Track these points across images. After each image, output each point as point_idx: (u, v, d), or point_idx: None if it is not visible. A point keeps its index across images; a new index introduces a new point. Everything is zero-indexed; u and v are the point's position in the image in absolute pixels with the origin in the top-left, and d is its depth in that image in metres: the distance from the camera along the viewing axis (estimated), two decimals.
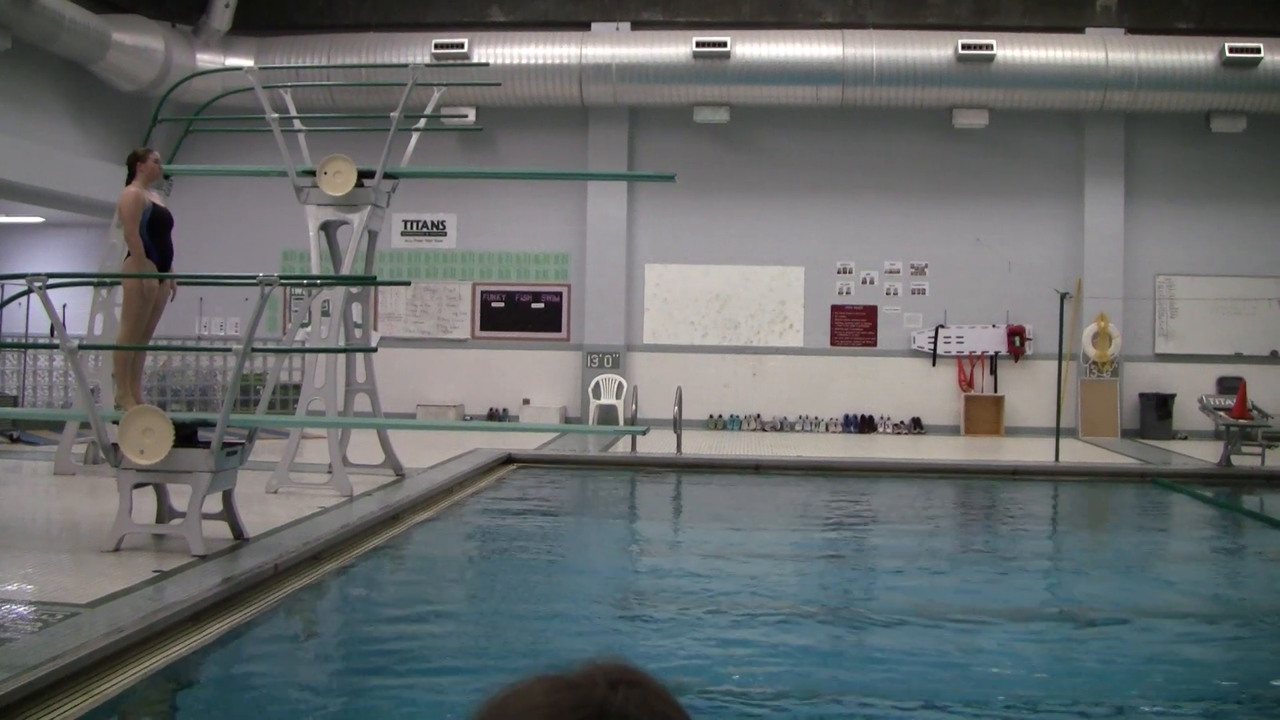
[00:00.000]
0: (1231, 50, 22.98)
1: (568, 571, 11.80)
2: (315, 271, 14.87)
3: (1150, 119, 24.67)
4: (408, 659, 8.08)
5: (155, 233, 12.41)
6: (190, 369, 21.48)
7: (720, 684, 7.50)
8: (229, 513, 10.68)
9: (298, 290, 20.67)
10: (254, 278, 10.09)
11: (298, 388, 17.25)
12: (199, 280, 19.98)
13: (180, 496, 10.41)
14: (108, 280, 14.42)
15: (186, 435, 10.09)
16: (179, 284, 13.62)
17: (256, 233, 24.37)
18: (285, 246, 23.85)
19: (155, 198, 12.83)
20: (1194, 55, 23.29)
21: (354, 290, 14.93)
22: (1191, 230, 25.04)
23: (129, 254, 12.27)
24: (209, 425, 10.33)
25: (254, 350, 11.32)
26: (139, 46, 22.22)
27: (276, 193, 18.23)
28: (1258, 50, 23.00)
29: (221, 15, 23.22)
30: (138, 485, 10.21)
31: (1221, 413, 20.04)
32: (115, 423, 10.22)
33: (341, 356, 14.89)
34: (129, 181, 12.68)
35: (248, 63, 21.46)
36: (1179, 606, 10.51)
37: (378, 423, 15.44)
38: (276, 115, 15.16)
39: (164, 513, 10.60)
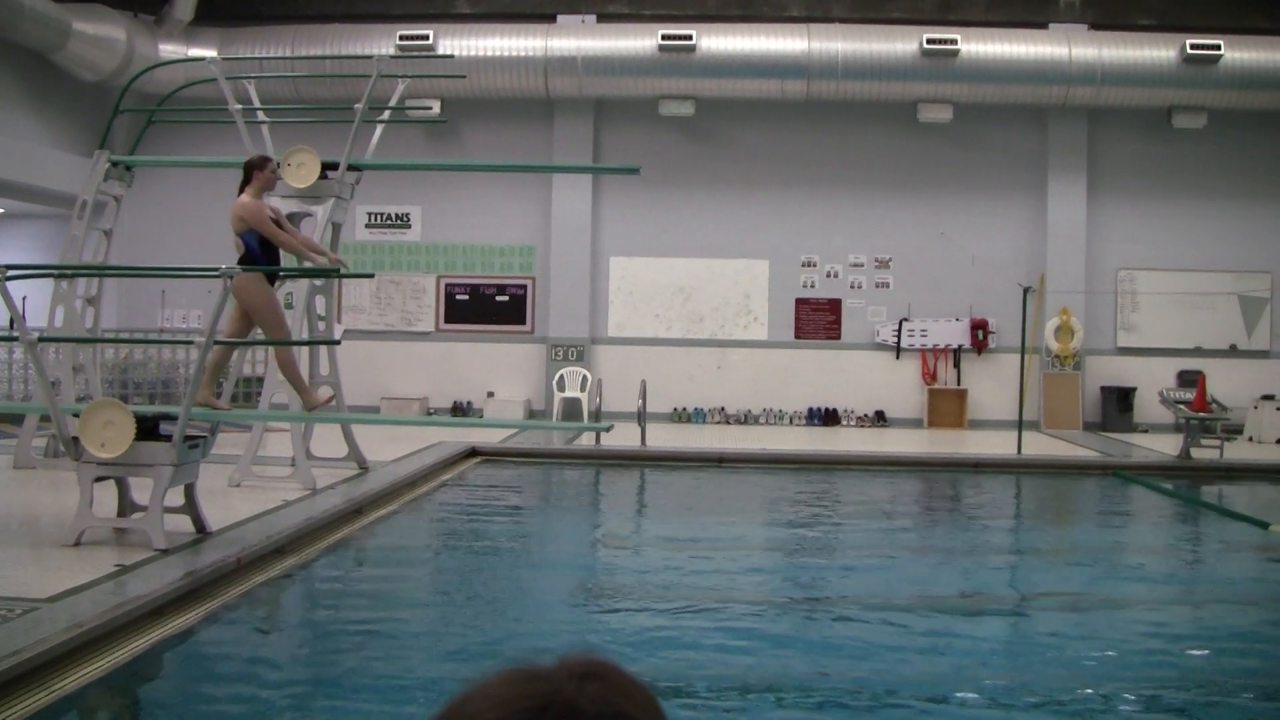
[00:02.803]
0: (1193, 47, 23.12)
1: (532, 565, 11.81)
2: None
3: (1113, 114, 24.80)
4: (371, 653, 8.06)
5: (267, 243, 12.21)
6: (153, 362, 21.35)
7: (684, 676, 7.51)
8: (191, 506, 10.64)
9: None
10: (217, 270, 10.05)
11: (261, 380, 17.18)
12: (161, 273, 19.87)
13: (142, 490, 10.35)
14: (68, 272, 14.32)
15: (148, 428, 10.05)
16: (141, 277, 13.54)
17: (220, 225, 24.03)
18: None
19: (272, 207, 12.65)
20: (1156, 51, 23.42)
21: (317, 283, 14.88)
22: (1153, 225, 25.19)
23: (247, 260, 12.06)
24: (171, 418, 10.28)
25: (217, 342, 11.29)
26: (101, 36, 22.06)
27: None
28: (1218, 47, 23.15)
29: (184, 5, 23.07)
30: (98, 479, 10.16)
31: (1182, 406, 20.20)
32: (76, 415, 10.17)
33: (305, 349, 14.84)
34: (243, 189, 12.46)
35: (211, 53, 21.31)
36: (1139, 597, 10.58)
37: (341, 417, 15.38)
38: (240, 106, 15.13)
39: (125, 506, 10.54)
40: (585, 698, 1.41)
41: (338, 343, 15.13)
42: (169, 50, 23.00)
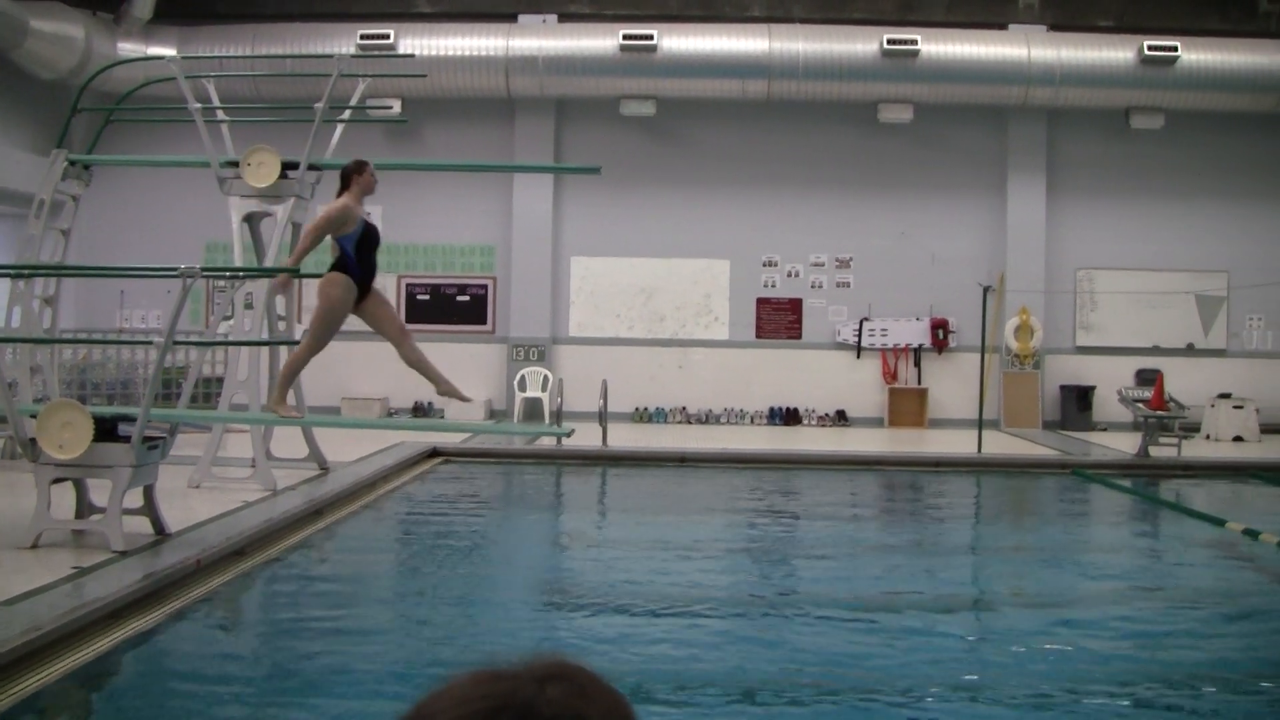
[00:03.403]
0: (1150, 48, 23.29)
1: (493, 565, 11.81)
2: (238, 264, 14.75)
3: (1072, 115, 24.94)
4: (333, 655, 8.04)
5: (362, 250, 11.83)
6: (111, 362, 21.22)
7: (648, 676, 7.51)
8: (150, 508, 10.58)
9: (221, 283, 20.50)
10: (176, 270, 10.01)
11: (221, 381, 17.11)
12: (120, 273, 19.73)
13: (100, 492, 10.29)
14: (25, 272, 14.21)
15: (107, 429, 10.00)
16: (99, 277, 13.37)
17: (179, 224, 24.11)
18: (208, 238, 23.59)
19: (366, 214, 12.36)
20: (1114, 53, 23.59)
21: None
22: (1112, 225, 25.35)
23: (339, 264, 11.76)
24: (130, 419, 10.23)
25: (176, 343, 11.24)
26: (58, 34, 21.90)
27: (199, 184, 18.10)
28: (1175, 49, 23.34)
29: (143, 3, 22.92)
30: (56, 480, 10.10)
31: (1140, 404, 20.33)
32: (33, 417, 10.10)
33: (265, 349, 14.79)
34: (340, 194, 12.16)
35: (170, 52, 21.19)
36: (1097, 594, 10.66)
37: (302, 420, 15.31)
38: (199, 105, 15.02)
39: (83, 508, 10.48)
40: (544, 700, 1.41)
41: (297, 342, 15.07)
42: (128, 49, 22.83)
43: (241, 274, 14.48)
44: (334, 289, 11.56)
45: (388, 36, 23.11)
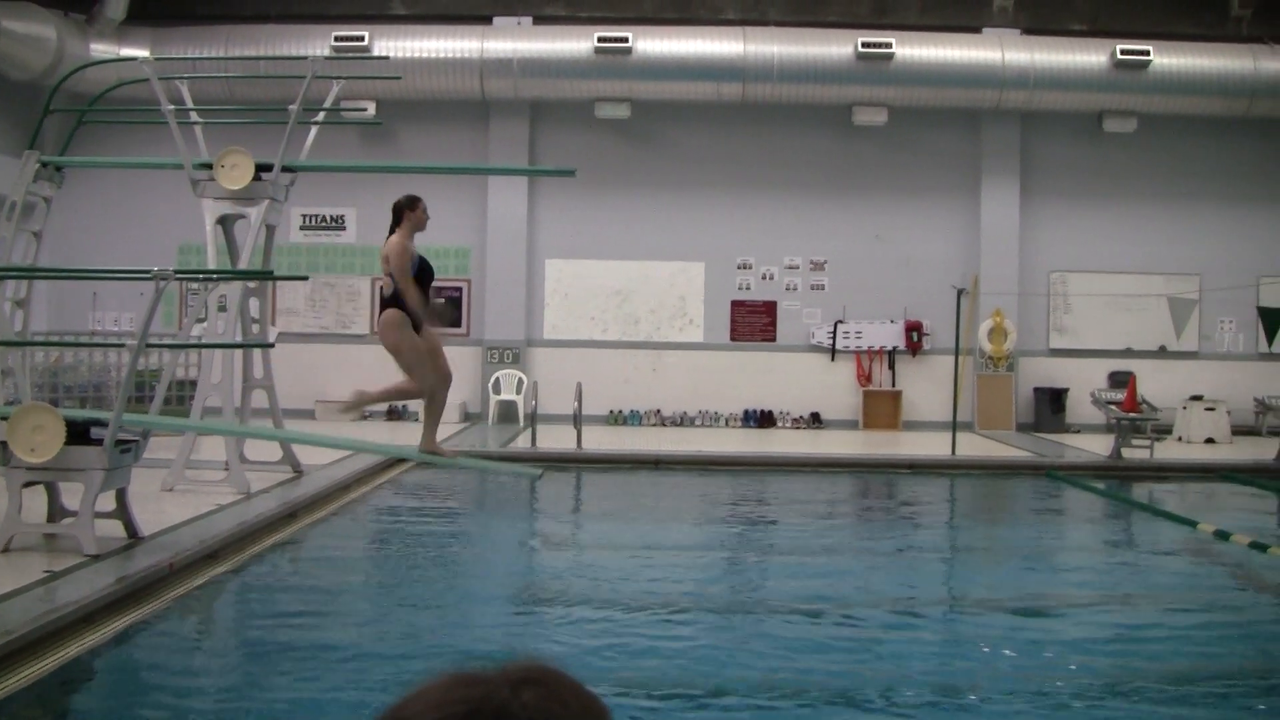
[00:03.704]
0: (1123, 52, 23.42)
1: (468, 568, 11.79)
2: (212, 266, 14.70)
3: (1045, 118, 25.04)
4: (306, 659, 8.03)
5: (420, 283, 11.74)
6: (84, 365, 21.12)
7: (623, 678, 7.51)
8: (123, 511, 10.53)
9: (194, 285, 20.43)
10: (149, 272, 9.97)
11: (194, 383, 17.04)
12: (92, 275, 19.66)
13: (72, 495, 10.24)
14: None
15: (79, 432, 9.95)
16: (72, 279, 13.26)
17: (152, 226, 24.02)
18: (182, 240, 23.51)
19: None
20: (1087, 56, 23.70)
21: (251, 285, 14.80)
22: (1085, 228, 25.46)
23: (391, 300, 11.58)
24: (102, 423, 10.19)
25: (149, 346, 11.19)
26: (30, 35, 21.79)
27: (173, 186, 18.04)
28: (1147, 53, 23.46)
29: (116, 4, 22.84)
30: (28, 484, 10.03)
31: (1113, 406, 20.43)
32: (4, 419, 10.05)
33: (238, 352, 14.75)
34: (393, 230, 12.06)
35: (143, 53, 21.12)
36: (1071, 596, 10.70)
37: (275, 434, 15.25)
38: (173, 107, 14.96)
39: (55, 512, 10.43)
40: (518, 704, 1.41)
41: (271, 345, 15.04)
42: (100, 50, 22.75)
43: (215, 276, 14.42)
44: (391, 331, 11.62)
45: (362, 38, 23.07)
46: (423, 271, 11.71)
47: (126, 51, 22.44)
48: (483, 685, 1.44)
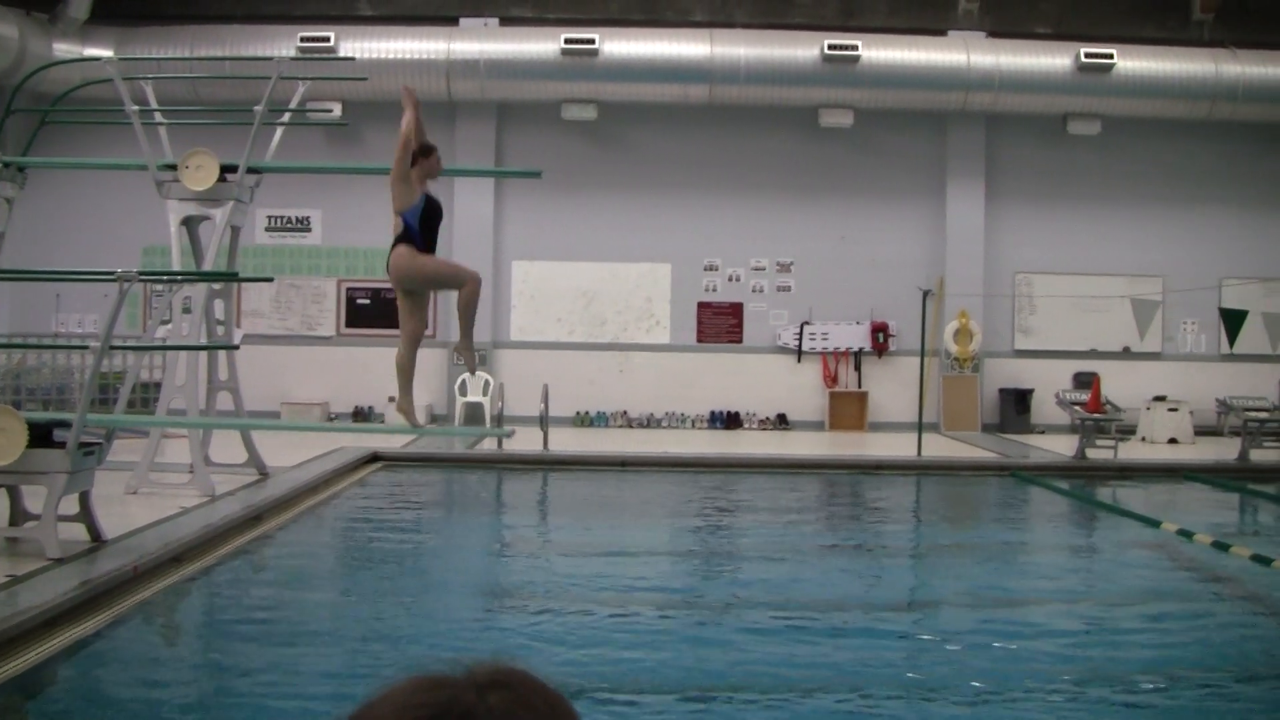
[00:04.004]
0: (1087, 55, 23.54)
1: (434, 569, 11.77)
2: (176, 267, 14.64)
3: (1010, 120, 25.14)
4: (272, 662, 8.00)
5: (425, 223, 11.39)
6: (46, 367, 21.00)
7: (590, 679, 7.51)
8: (86, 514, 10.48)
9: (159, 287, 20.34)
10: (113, 274, 9.92)
11: (158, 386, 16.97)
12: (56, 276, 19.56)
13: (35, 498, 10.19)
14: None
15: (41, 435, 9.90)
16: (34, 280, 13.15)
17: (116, 228, 23.90)
18: (146, 242, 23.38)
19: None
20: (1051, 59, 23.81)
21: (216, 287, 14.75)
22: (1049, 229, 25.59)
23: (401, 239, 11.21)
24: (65, 425, 10.13)
25: (113, 348, 11.14)
26: None
27: (137, 187, 17.93)
28: (1111, 56, 23.60)
29: (80, 3, 22.71)
30: None
31: (1077, 407, 20.52)
32: None
33: (203, 354, 14.69)
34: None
35: (107, 53, 21.03)
36: (1037, 594, 10.75)
37: (240, 423, 15.23)
38: (137, 107, 14.89)
39: (18, 515, 10.38)
40: (484, 707, 1.40)
41: (236, 347, 15.00)
42: (63, 49, 22.61)
43: (179, 278, 14.37)
44: (409, 259, 11.33)
45: (328, 39, 23.00)
46: (430, 211, 11.37)
47: (90, 51, 22.31)
48: (448, 688, 1.43)
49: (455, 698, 1.41)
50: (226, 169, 14.46)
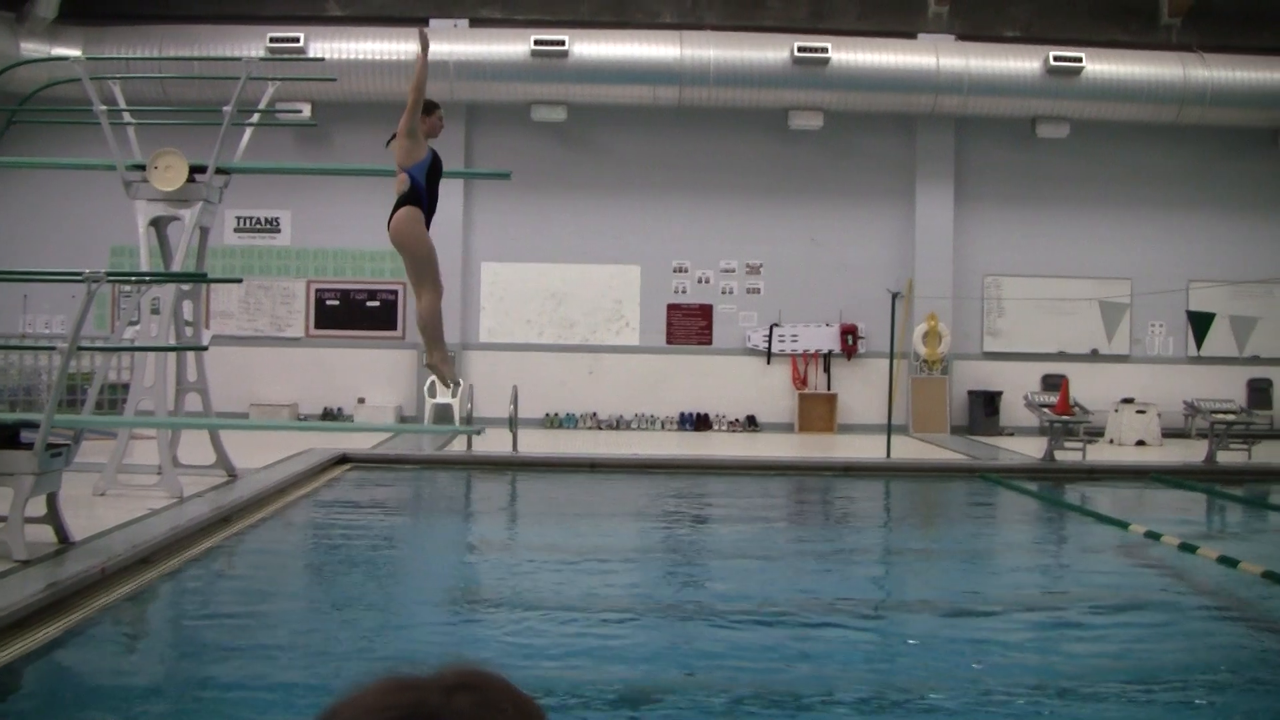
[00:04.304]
0: (1055, 59, 23.67)
1: (403, 571, 11.75)
2: (145, 268, 14.58)
3: (979, 123, 25.24)
4: (240, 665, 7.97)
5: (430, 180, 11.25)
6: (14, 368, 20.88)
7: (559, 682, 7.50)
8: (53, 516, 10.42)
9: (127, 287, 20.26)
10: (80, 274, 9.88)
11: (126, 387, 16.90)
12: (23, 276, 19.46)
13: (1, 500, 10.12)
14: None
15: (8, 436, 9.84)
16: (1, 280, 13.04)
17: (84, 228, 23.79)
18: (114, 242, 23.27)
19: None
20: (1020, 63, 23.92)
21: (185, 287, 14.68)
22: (1018, 232, 25.71)
23: (407, 199, 11.10)
24: (32, 426, 10.08)
25: (80, 349, 11.08)
26: None
27: (105, 187, 17.86)
28: (1079, 60, 23.73)
29: (48, 3, 22.61)
30: None
31: (1045, 409, 20.59)
32: None
33: (172, 355, 14.64)
34: None
35: (75, 52, 20.95)
36: (1006, 595, 10.78)
37: (209, 423, 15.17)
38: (105, 107, 14.82)
39: None
40: (451, 710, 1.40)
41: (205, 348, 14.93)
42: (31, 49, 22.50)
43: (148, 279, 14.30)
44: (414, 225, 11.13)
45: (298, 40, 22.94)
46: (435, 167, 11.28)
47: (58, 51, 22.21)
48: (416, 690, 1.43)
49: (422, 700, 1.41)
50: (195, 169, 14.41)
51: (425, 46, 10.80)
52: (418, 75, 10.70)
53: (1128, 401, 24.19)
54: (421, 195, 10.94)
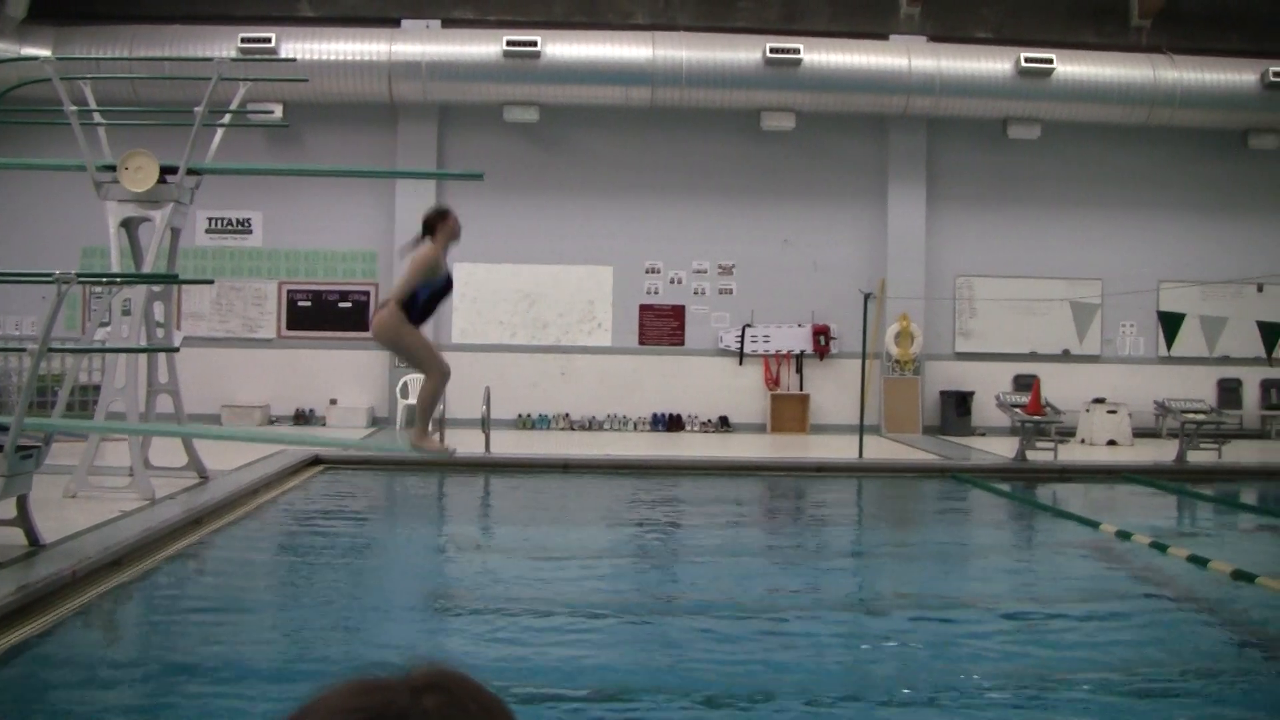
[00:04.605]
0: (1027, 60, 23.76)
1: (376, 573, 11.72)
2: (116, 269, 14.51)
3: (951, 124, 25.31)
4: (212, 667, 7.95)
5: (434, 300, 11.07)
6: None
7: (532, 683, 7.50)
8: (24, 518, 10.37)
9: (98, 289, 20.16)
10: (51, 275, 9.83)
11: (97, 388, 16.82)
12: None
13: None
14: None
15: None
16: None
17: (54, 229, 23.69)
18: (85, 243, 23.18)
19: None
20: (992, 64, 24.00)
21: (156, 289, 14.61)
22: (990, 233, 25.80)
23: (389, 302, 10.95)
24: (2, 428, 10.03)
25: (51, 350, 11.03)
26: None
27: (75, 188, 17.76)
28: (1050, 61, 23.83)
29: (17, 2, 22.51)
30: None
31: (1017, 409, 20.67)
32: None
33: (143, 357, 14.57)
34: (422, 238, 11.41)
35: (45, 52, 20.87)
36: (978, 594, 10.81)
37: (183, 430, 15.10)
38: (75, 108, 14.75)
39: None
40: (419, 710, 1.40)
41: (176, 350, 14.88)
42: (1, 48, 22.40)
43: (119, 280, 14.23)
44: (393, 328, 10.95)
45: (269, 40, 22.88)
46: (445, 288, 11.29)
47: (28, 50, 22.14)
48: (383, 692, 1.42)
49: (389, 701, 1.41)
50: (166, 170, 14.35)
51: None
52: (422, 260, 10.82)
53: (1099, 401, 24.30)
54: (413, 313, 10.91)
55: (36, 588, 8.91)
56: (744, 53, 23.64)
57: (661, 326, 25.53)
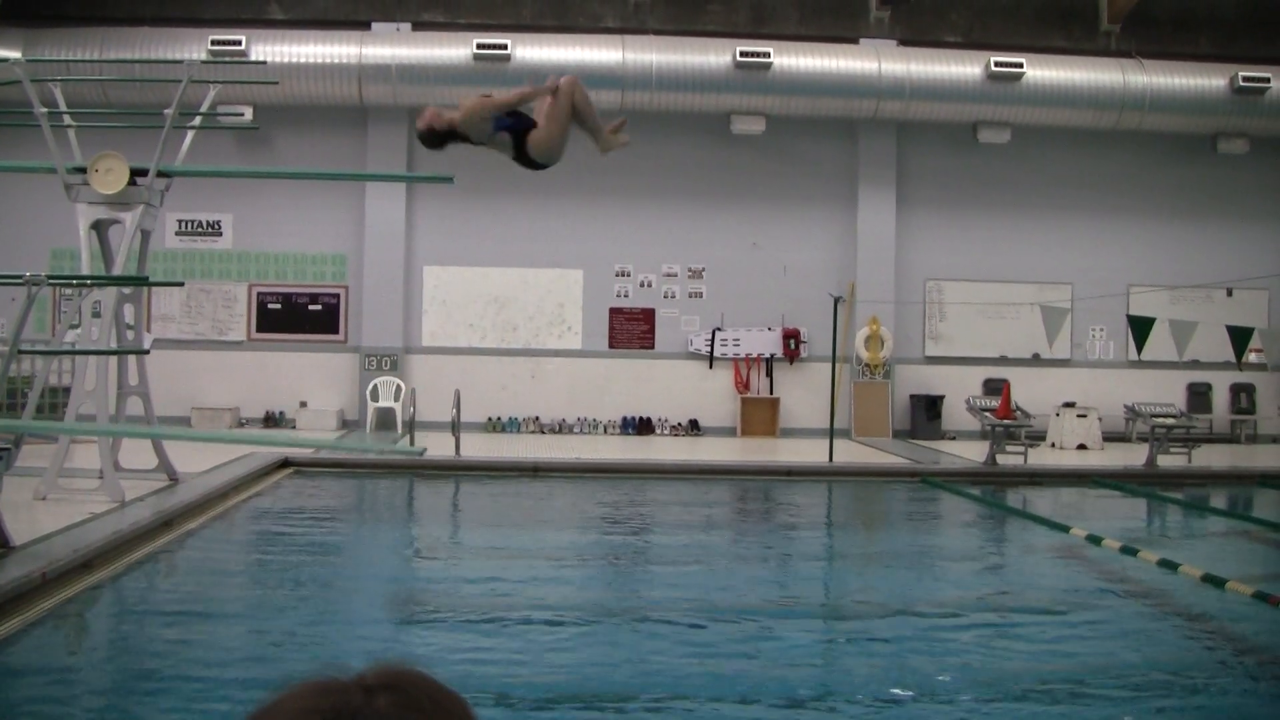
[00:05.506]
0: (996, 64, 23.86)
1: (345, 576, 11.70)
2: (86, 271, 14.45)
3: (921, 128, 25.40)
4: (179, 670, 7.93)
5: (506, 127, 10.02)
6: None
7: (501, 687, 7.50)
8: None
9: (68, 290, 20.09)
10: (21, 277, 9.80)
11: (67, 390, 16.74)
12: None
13: None
14: None
15: None
16: None
17: (24, 230, 23.58)
18: (54, 245, 23.08)
19: None
20: (962, 68, 24.09)
21: (126, 291, 14.56)
22: (959, 237, 25.89)
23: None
24: None
25: (21, 352, 10.99)
26: None
27: (45, 190, 17.69)
28: (1020, 65, 23.93)
29: None
30: None
31: (987, 413, 20.74)
32: None
33: (113, 359, 14.52)
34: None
35: (15, 54, 20.73)
36: (947, 598, 10.84)
37: (151, 432, 15.05)
38: (45, 110, 14.68)
39: None
40: (372, 710, 1.40)
41: (146, 352, 14.84)
42: None
43: (89, 282, 14.18)
44: (550, 125, 10.02)
45: (239, 43, 22.82)
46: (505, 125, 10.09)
47: None
48: (337, 693, 1.43)
49: (343, 702, 1.41)
50: (136, 172, 14.29)
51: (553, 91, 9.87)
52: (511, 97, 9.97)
53: (1069, 405, 24.42)
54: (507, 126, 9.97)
55: (6, 590, 8.88)
56: (714, 56, 23.67)
57: (631, 330, 25.54)
